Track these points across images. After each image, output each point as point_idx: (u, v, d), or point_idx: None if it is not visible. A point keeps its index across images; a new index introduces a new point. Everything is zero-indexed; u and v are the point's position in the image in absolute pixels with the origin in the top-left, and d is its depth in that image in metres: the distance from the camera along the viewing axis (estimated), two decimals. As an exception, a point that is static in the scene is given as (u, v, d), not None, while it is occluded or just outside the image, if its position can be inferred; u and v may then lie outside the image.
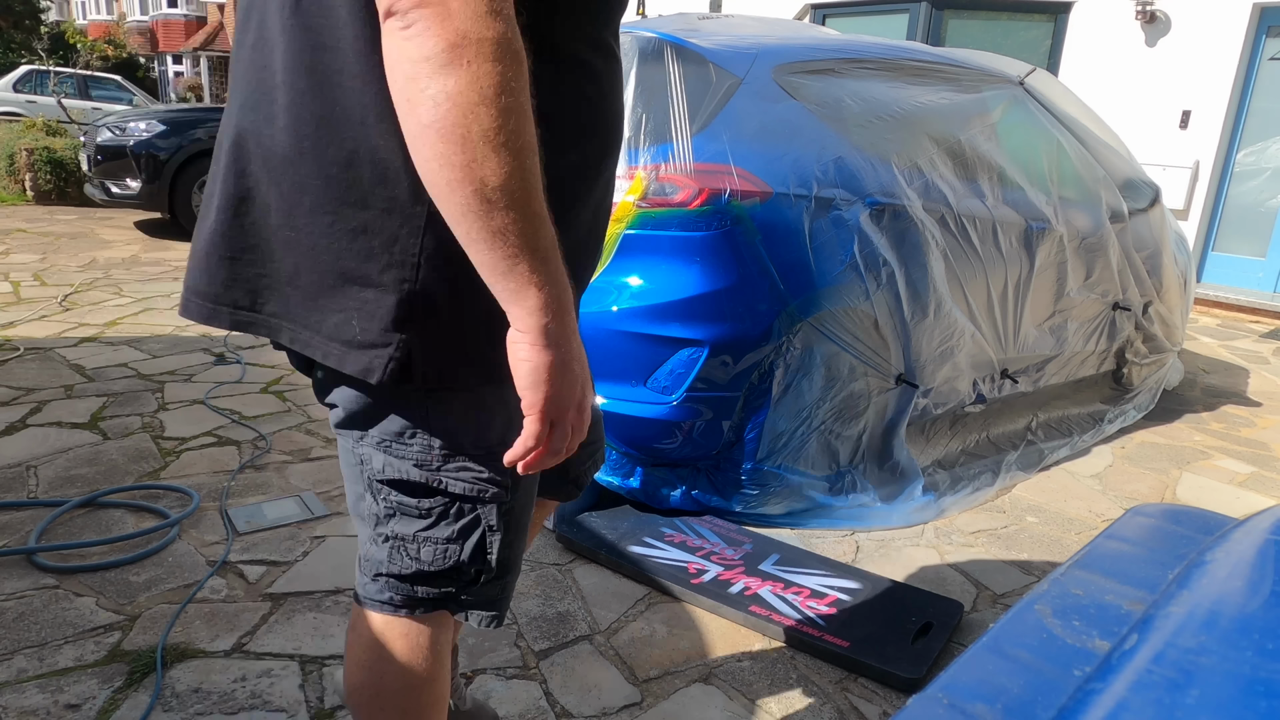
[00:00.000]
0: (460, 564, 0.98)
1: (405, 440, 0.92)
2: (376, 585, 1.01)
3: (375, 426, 0.92)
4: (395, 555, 0.98)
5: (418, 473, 0.93)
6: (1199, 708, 0.44)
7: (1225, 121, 6.58)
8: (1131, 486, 2.99)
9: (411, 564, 0.98)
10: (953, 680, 0.52)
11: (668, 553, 2.16)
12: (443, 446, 0.92)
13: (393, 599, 1.00)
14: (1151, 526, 0.77)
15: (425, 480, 0.93)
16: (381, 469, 0.94)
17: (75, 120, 10.54)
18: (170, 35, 27.95)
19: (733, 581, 2.06)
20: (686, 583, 2.04)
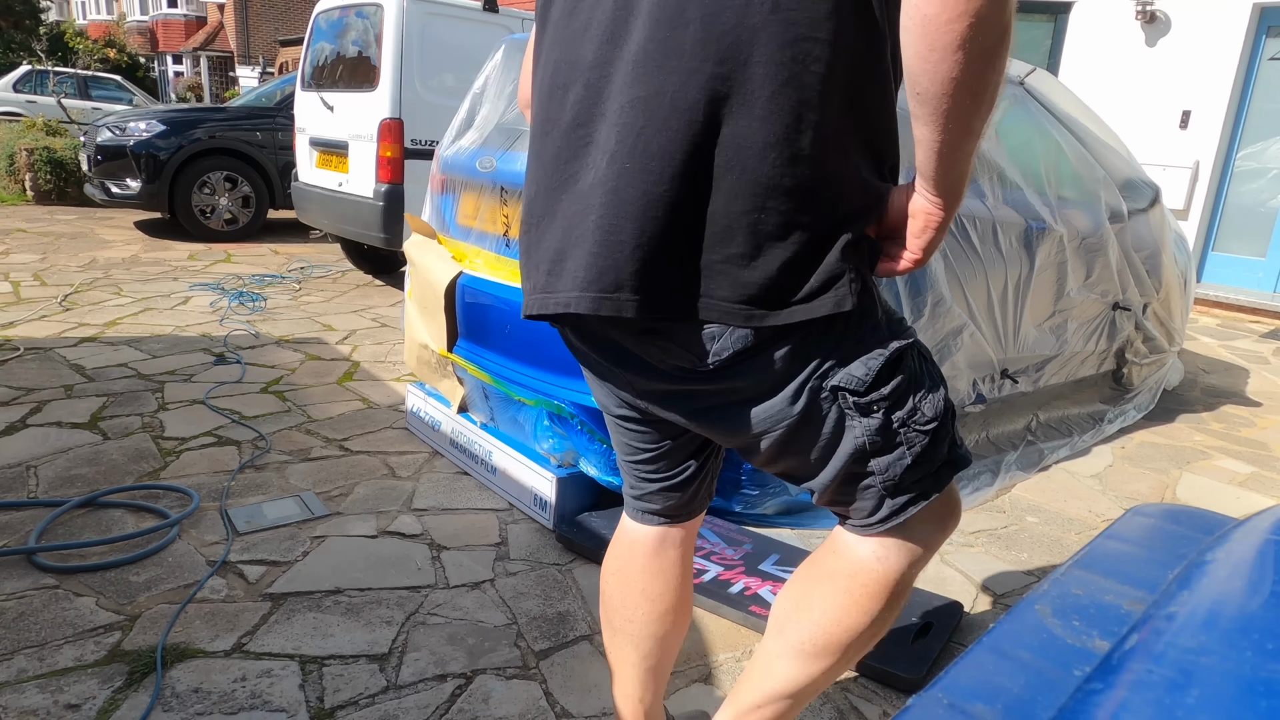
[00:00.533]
0: (946, 422, 1.04)
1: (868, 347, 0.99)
2: (868, 504, 1.05)
3: (838, 362, 0.98)
4: (901, 452, 1.01)
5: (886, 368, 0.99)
6: (1199, 708, 0.44)
7: (1225, 121, 6.58)
8: (1131, 486, 2.99)
9: (919, 444, 1.01)
10: (953, 680, 0.52)
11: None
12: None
13: (895, 507, 1.04)
14: (1151, 526, 0.77)
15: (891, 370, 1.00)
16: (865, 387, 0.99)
17: (75, 120, 10.54)
18: (170, 35, 27.96)
19: (732, 581, 2.06)
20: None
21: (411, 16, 4.83)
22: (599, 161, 0.91)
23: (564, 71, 0.97)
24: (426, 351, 2.78)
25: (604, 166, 0.90)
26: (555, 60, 0.99)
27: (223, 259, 6.14)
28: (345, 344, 4.10)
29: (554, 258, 0.98)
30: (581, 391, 2.23)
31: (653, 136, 0.88)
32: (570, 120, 0.95)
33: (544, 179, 0.99)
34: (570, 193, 0.95)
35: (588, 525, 2.25)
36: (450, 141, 2.81)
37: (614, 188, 0.89)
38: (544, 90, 1.01)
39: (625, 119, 0.89)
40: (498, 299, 2.44)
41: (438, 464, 2.75)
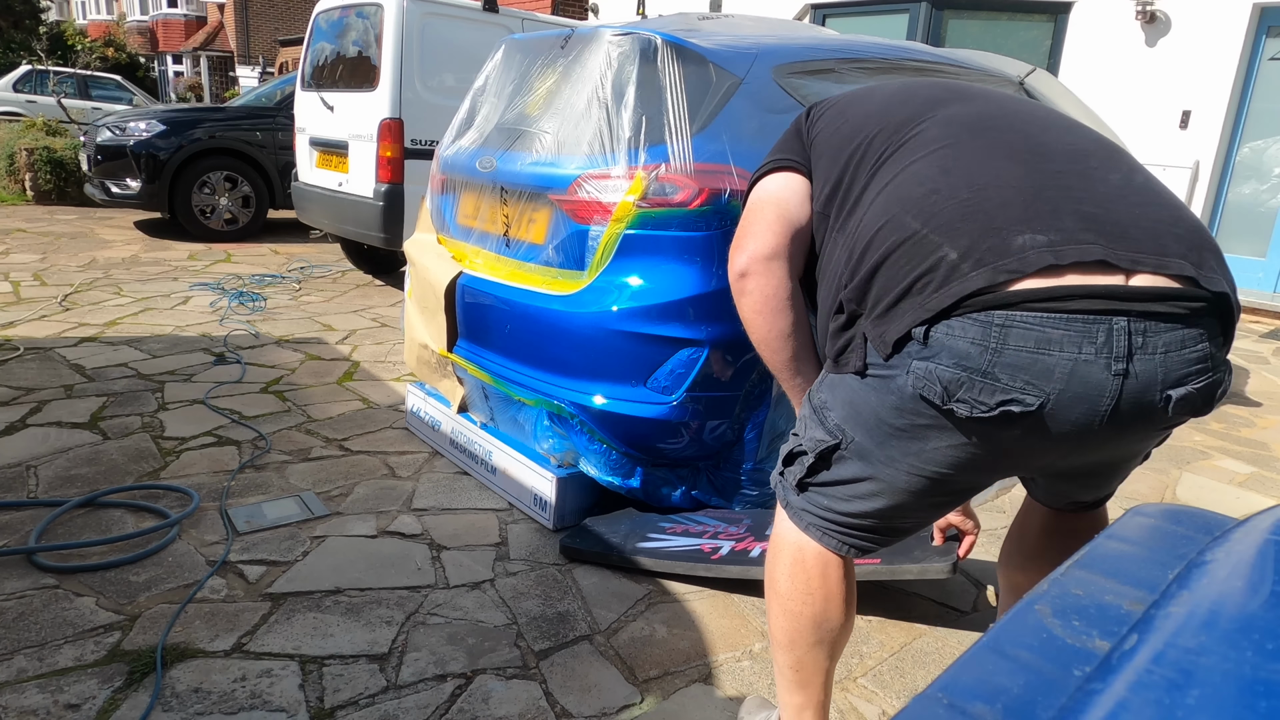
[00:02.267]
0: None
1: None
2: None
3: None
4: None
5: None
6: (1199, 708, 0.44)
7: (1225, 121, 6.58)
8: (1131, 486, 2.99)
9: None
10: (953, 680, 0.52)
11: (676, 541, 2.18)
12: None
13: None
14: (1151, 526, 0.77)
15: None
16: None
17: (75, 120, 10.53)
18: (170, 35, 27.95)
19: (749, 549, 2.09)
20: (707, 560, 2.07)
21: (411, 16, 4.83)
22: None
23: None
24: (426, 351, 2.78)
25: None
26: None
27: (223, 259, 6.14)
28: (345, 344, 4.10)
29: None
30: (581, 391, 2.23)
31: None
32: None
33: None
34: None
35: (593, 532, 2.24)
36: (450, 141, 2.81)
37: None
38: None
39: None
40: (498, 299, 2.44)
41: (438, 464, 2.75)
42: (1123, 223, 1.02)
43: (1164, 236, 1.01)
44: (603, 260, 2.19)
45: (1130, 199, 1.05)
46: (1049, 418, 1.01)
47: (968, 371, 1.01)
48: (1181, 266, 0.99)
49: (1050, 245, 0.99)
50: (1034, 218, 1.01)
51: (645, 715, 1.63)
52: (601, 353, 2.19)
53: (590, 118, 2.29)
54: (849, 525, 1.26)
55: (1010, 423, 1.02)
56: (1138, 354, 0.98)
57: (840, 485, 1.24)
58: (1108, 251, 0.98)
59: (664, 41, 2.26)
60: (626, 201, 2.15)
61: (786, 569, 1.31)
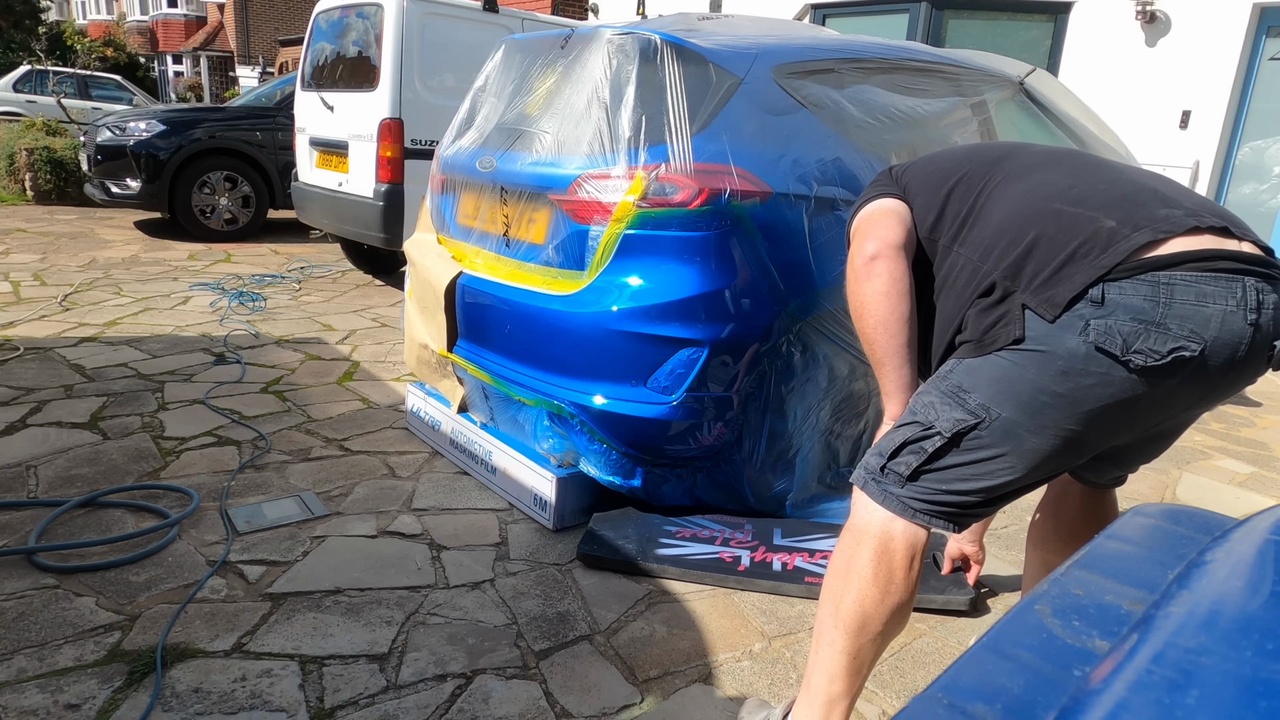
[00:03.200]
0: None
1: None
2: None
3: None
4: None
5: None
6: (1199, 708, 0.44)
7: (1225, 121, 6.58)
8: (1131, 486, 2.99)
9: None
10: (953, 680, 0.52)
11: (692, 548, 2.19)
12: None
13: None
14: (1151, 526, 0.77)
15: None
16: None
17: (75, 120, 10.53)
18: (170, 35, 27.96)
19: (769, 561, 2.16)
20: (735, 572, 2.11)
21: (411, 16, 4.83)
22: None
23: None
24: (426, 351, 2.79)
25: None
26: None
27: (223, 259, 6.14)
28: (345, 344, 4.10)
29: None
30: (581, 391, 2.23)
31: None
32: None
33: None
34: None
35: (604, 539, 2.23)
36: (450, 141, 2.81)
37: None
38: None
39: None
40: (498, 299, 2.44)
41: (438, 464, 2.75)
42: (1212, 209, 1.24)
43: (1238, 221, 1.23)
44: (603, 260, 2.19)
45: (1198, 198, 1.29)
46: (1203, 364, 1.17)
47: (1144, 324, 1.16)
48: (1262, 242, 1.23)
49: (1188, 213, 1.20)
50: (1162, 201, 1.23)
51: (645, 715, 1.63)
52: (601, 353, 2.19)
53: (590, 118, 2.29)
54: (957, 504, 1.32)
55: (1173, 371, 1.17)
56: (1262, 308, 1.16)
57: (966, 466, 1.29)
58: (1227, 223, 1.20)
59: (664, 41, 2.26)
60: (626, 201, 2.15)
61: (871, 557, 1.34)
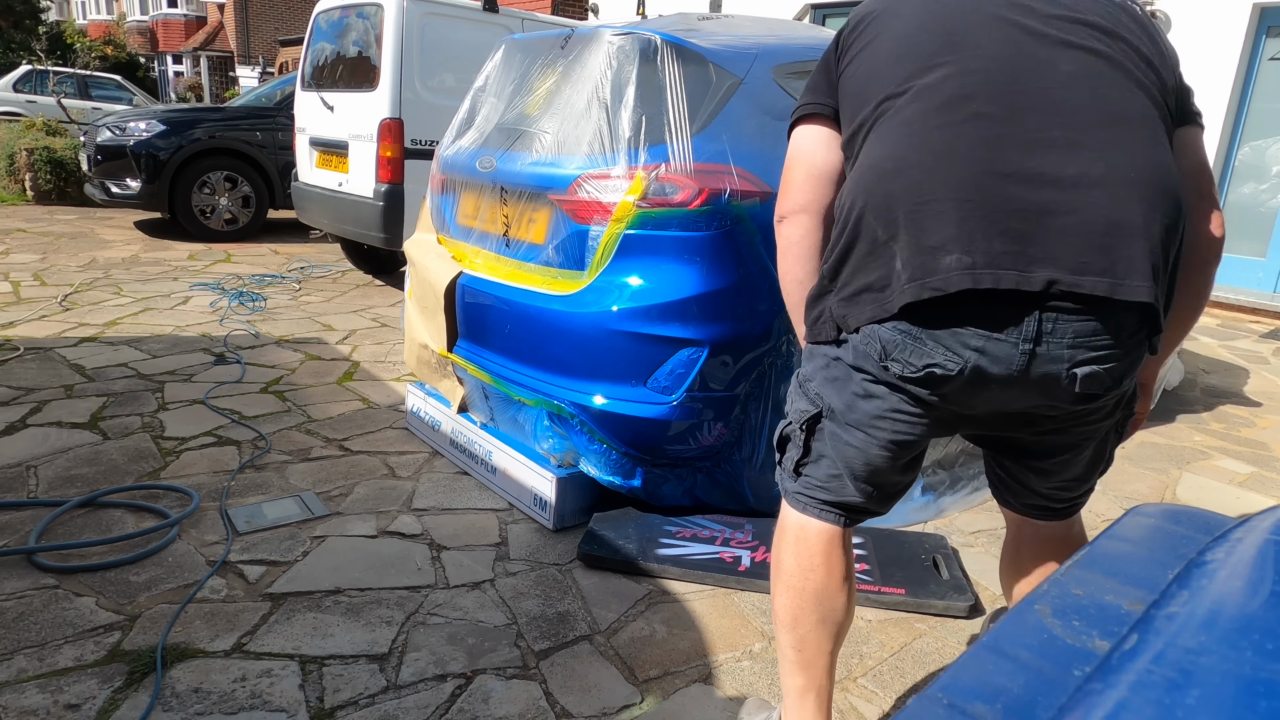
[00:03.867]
0: None
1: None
2: (1087, 492, 1.45)
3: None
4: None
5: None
6: (1199, 708, 0.44)
7: (1225, 121, 6.58)
8: (1131, 486, 2.99)
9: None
10: (953, 680, 0.52)
11: (692, 548, 2.20)
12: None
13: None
14: (1151, 526, 0.77)
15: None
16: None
17: (75, 120, 10.53)
18: (170, 35, 27.96)
19: (769, 561, 2.11)
20: (735, 572, 2.12)
21: (411, 16, 4.83)
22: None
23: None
24: (426, 351, 2.79)
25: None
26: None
27: (223, 259, 6.14)
28: (345, 344, 4.10)
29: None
30: (581, 391, 2.23)
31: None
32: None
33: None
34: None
35: (605, 540, 2.23)
36: (450, 141, 2.81)
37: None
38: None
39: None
40: (498, 299, 2.44)
41: (438, 464, 2.75)
42: (1049, 239, 1.09)
43: (1090, 250, 1.09)
44: (603, 260, 2.19)
45: (1074, 202, 1.10)
46: (969, 381, 1.16)
47: (903, 334, 1.16)
48: (1095, 285, 1.08)
49: (972, 269, 1.10)
50: (964, 236, 1.11)
51: (645, 715, 1.63)
52: (601, 353, 2.19)
53: (590, 118, 2.29)
54: (842, 498, 1.35)
55: (935, 383, 1.17)
56: (1046, 338, 1.11)
57: (824, 460, 1.33)
58: (1021, 279, 1.09)
59: (664, 41, 2.26)
60: (626, 201, 2.15)
61: (791, 547, 1.38)
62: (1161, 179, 1.13)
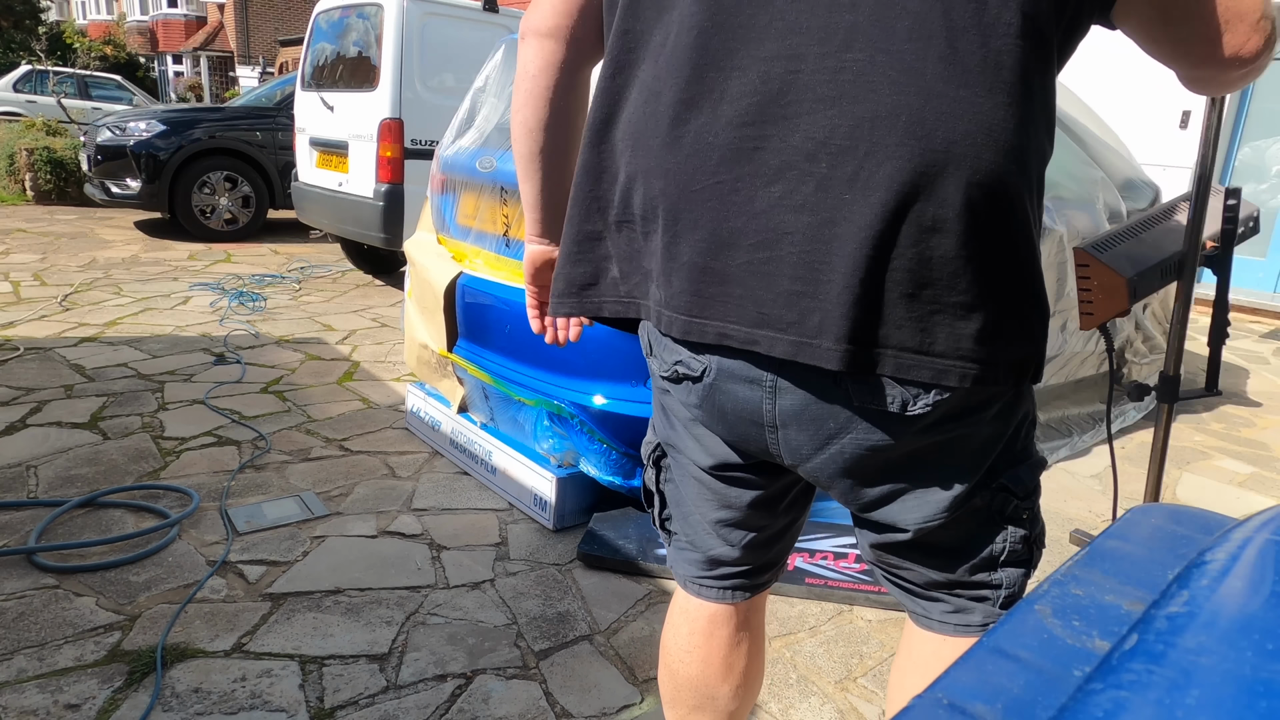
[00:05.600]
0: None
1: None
2: (991, 608, 1.00)
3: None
4: (1021, 559, 0.98)
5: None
6: (1199, 708, 0.44)
7: (1225, 121, 6.58)
8: (1131, 486, 2.99)
9: (1027, 554, 0.99)
10: (953, 680, 0.52)
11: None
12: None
13: (990, 619, 1.01)
14: (1151, 526, 0.77)
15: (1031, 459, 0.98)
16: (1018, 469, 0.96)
17: (75, 120, 10.54)
18: (170, 35, 27.96)
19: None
20: None
21: (411, 16, 4.83)
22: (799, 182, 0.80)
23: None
24: (426, 351, 2.79)
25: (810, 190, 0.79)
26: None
27: (223, 259, 6.14)
28: (345, 344, 4.10)
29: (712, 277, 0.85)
30: (581, 391, 2.23)
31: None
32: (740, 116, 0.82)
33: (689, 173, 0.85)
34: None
35: (606, 541, 2.23)
36: (450, 141, 2.81)
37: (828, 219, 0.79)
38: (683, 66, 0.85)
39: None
40: (498, 299, 2.44)
41: (438, 464, 2.75)
42: (731, 283, 0.82)
43: (771, 304, 0.81)
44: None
45: (764, 237, 0.81)
46: (719, 391, 0.90)
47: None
48: (773, 344, 0.82)
49: (660, 305, 0.89)
50: (661, 271, 0.88)
51: (645, 715, 1.63)
52: (601, 353, 2.19)
53: (590, 118, 2.28)
54: (705, 560, 1.08)
55: (690, 388, 0.93)
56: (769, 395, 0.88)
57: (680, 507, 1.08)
58: (689, 327, 0.86)
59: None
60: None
61: (675, 617, 1.14)
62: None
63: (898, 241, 0.77)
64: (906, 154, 0.76)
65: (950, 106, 0.76)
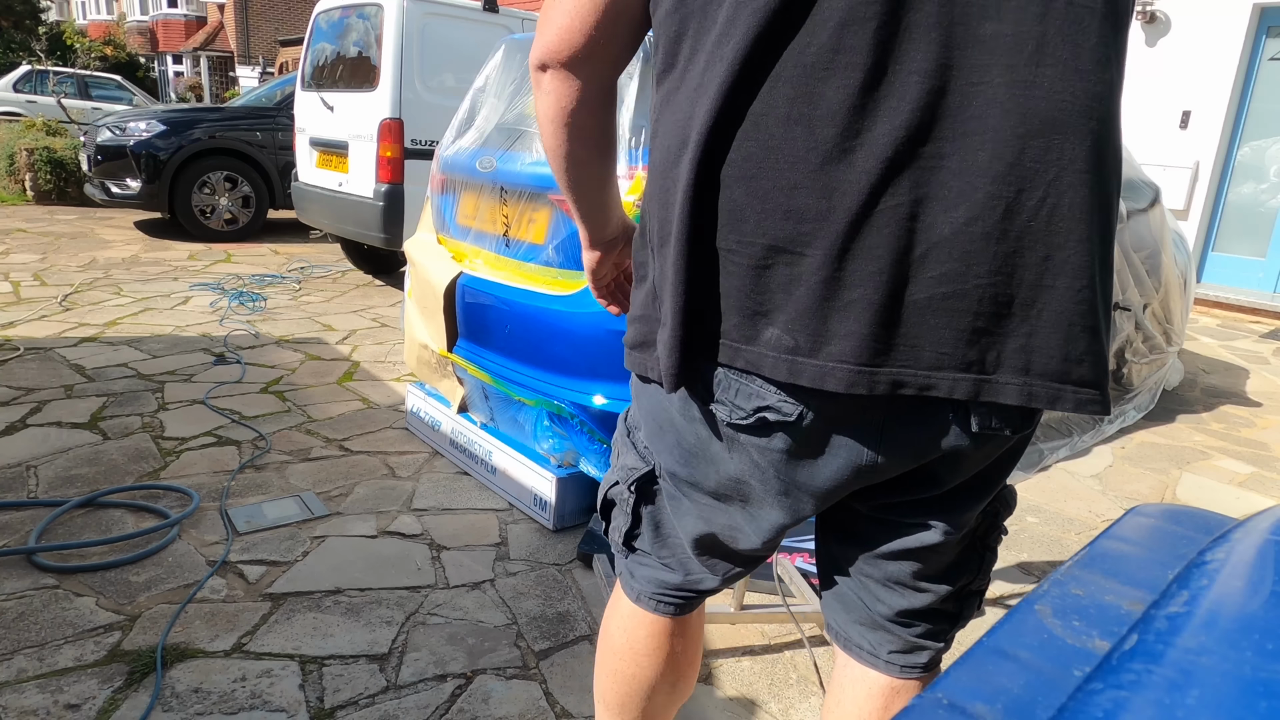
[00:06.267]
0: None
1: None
2: (940, 645, 1.02)
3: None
4: (980, 588, 1.02)
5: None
6: (1199, 708, 0.44)
7: (1225, 121, 6.58)
8: (1131, 486, 2.99)
9: (985, 584, 1.02)
10: (953, 680, 0.52)
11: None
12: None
13: (941, 652, 1.02)
14: (1151, 526, 0.77)
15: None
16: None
17: (75, 120, 10.53)
18: (170, 35, 27.96)
19: (769, 561, 2.11)
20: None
21: (411, 16, 4.83)
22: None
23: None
24: (426, 351, 2.79)
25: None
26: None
27: (223, 259, 6.14)
28: (345, 344, 4.10)
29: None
30: (581, 391, 2.23)
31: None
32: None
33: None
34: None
35: (602, 538, 2.24)
36: (450, 141, 2.81)
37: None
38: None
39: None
40: (498, 299, 2.44)
41: (438, 464, 2.75)
42: (909, 323, 0.75)
43: (952, 342, 0.75)
44: (603, 260, 2.18)
45: (948, 269, 0.73)
46: (813, 434, 0.82)
47: (728, 370, 0.83)
48: (954, 387, 0.76)
49: (791, 354, 0.77)
50: (804, 311, 0.76)
51: (645, 715, 1.63)
52: (602, 352, 2.19)
53: (590, 118, 2.28)
54: (682, 585, 1.07)
55: (770, 434, 0.83)
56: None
57: (662, 532, 1.06)
58: (857, 378, 0.75)
59: (664, 41, 2.25)
60: (627, 202, 2.15)
61: (622, 623, 1.12)
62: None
63: (1092, 268, 0.75)
64: (1092, 179, 0.73)
65: (1111, 122, 0.75)
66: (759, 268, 0.77)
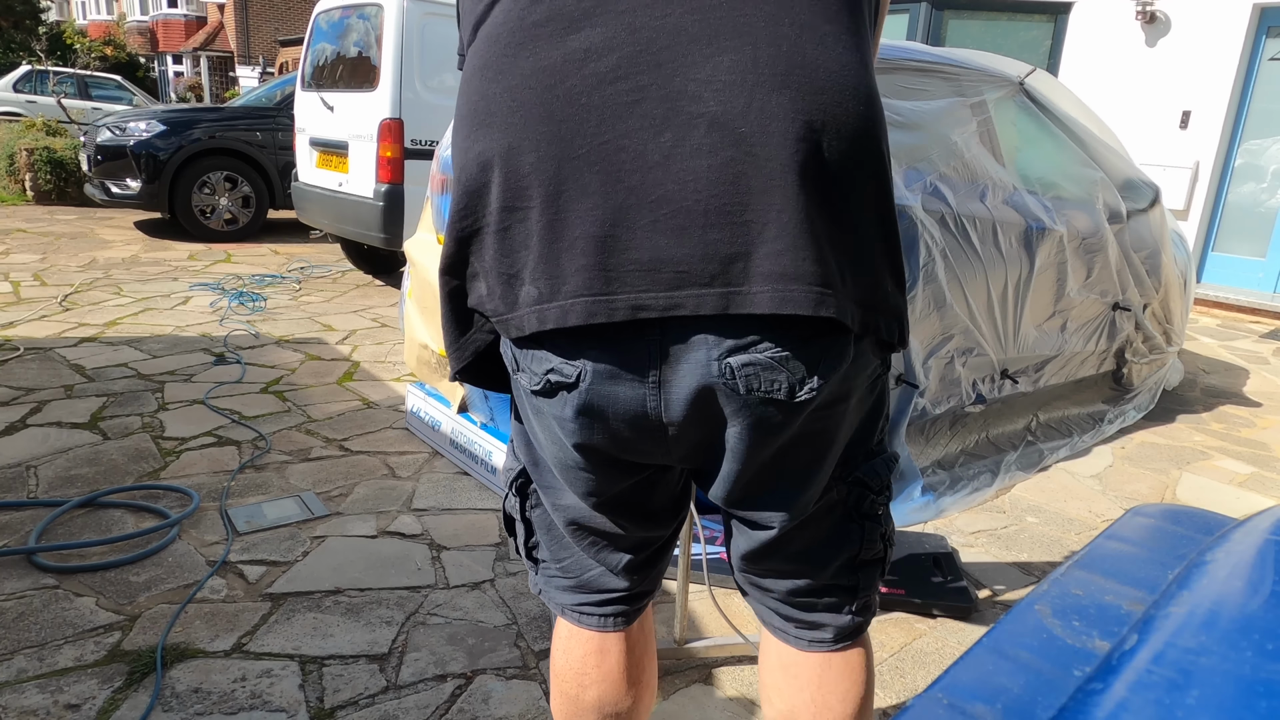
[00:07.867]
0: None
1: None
2: (847, 618, 1.01)
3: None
4: (876, 556, 0.99)
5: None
6: (1199, 708, 0.44)
7: (1225, 121, 6.58)
8: (1131, 486, 2.99)
9: (882, 551, 1.00)
10: (953, 680, 0.52)
11: (692, 548, 2.19)
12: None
13: (862, 623, 1.03)
14: (1151, 526, 0.77)
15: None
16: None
17: (75, 120, 10.53)
18: (170, 35, 27.96)
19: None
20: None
21: (411, 16, 4.83)
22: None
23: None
24: (426, 351, 2.78)
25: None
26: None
27: (223, 259, 6.14)
28: (345, 344, 4.10)
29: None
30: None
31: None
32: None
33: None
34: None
35: None
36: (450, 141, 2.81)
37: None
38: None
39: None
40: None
41: (438, 464, 2.75)
42: (637, 247, 0.75)
43: (687, 260, 0.75)
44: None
45: (667, 190, 0.74)
46: (594, 395, 0.82)
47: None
48: (700, 303, 0.75)
49: (538, 303, 0.79)
50: (540, 258, 0.78)
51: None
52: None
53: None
54: (589, 586, 1.03)
55: (557, 395, 0.84)
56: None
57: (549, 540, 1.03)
58: (595, 307, 0.76)
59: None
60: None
61: (561, 644, 1.08)
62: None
63: (808, 169, 0.75)
64: (795, 83, 0.74)
65: (822, 40, 0.76)
66: (500, 231, 0.80)
